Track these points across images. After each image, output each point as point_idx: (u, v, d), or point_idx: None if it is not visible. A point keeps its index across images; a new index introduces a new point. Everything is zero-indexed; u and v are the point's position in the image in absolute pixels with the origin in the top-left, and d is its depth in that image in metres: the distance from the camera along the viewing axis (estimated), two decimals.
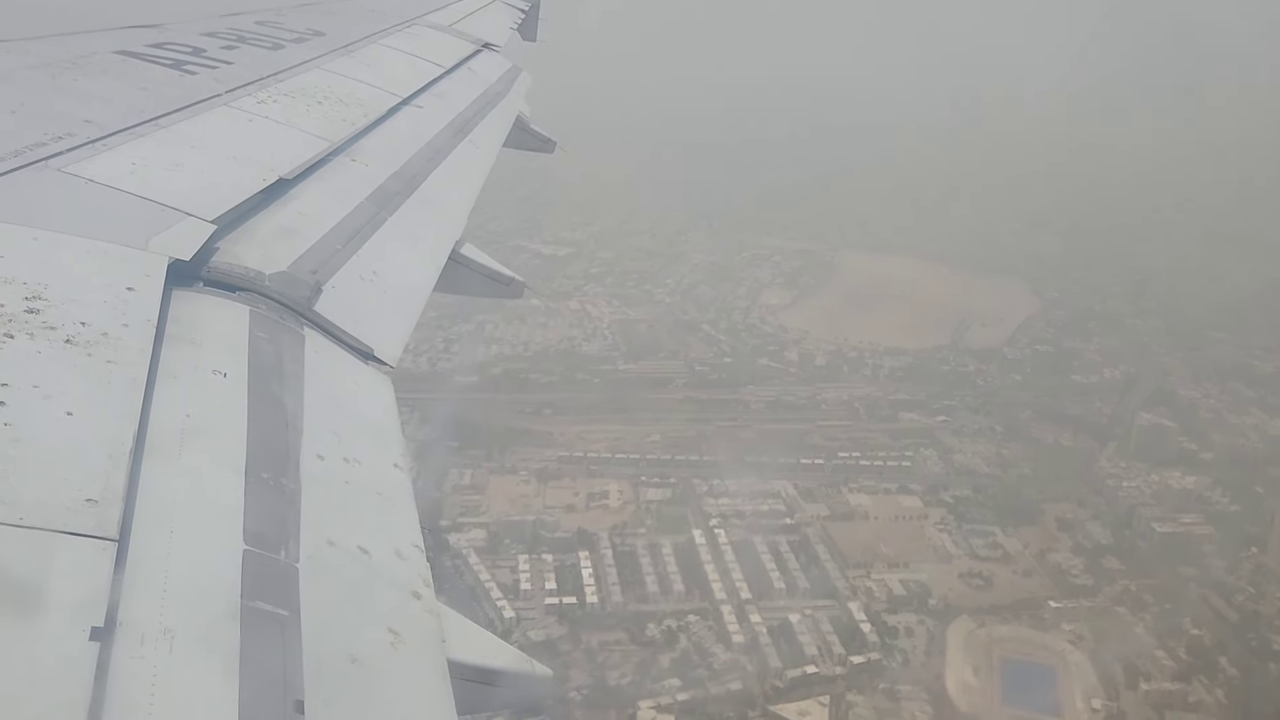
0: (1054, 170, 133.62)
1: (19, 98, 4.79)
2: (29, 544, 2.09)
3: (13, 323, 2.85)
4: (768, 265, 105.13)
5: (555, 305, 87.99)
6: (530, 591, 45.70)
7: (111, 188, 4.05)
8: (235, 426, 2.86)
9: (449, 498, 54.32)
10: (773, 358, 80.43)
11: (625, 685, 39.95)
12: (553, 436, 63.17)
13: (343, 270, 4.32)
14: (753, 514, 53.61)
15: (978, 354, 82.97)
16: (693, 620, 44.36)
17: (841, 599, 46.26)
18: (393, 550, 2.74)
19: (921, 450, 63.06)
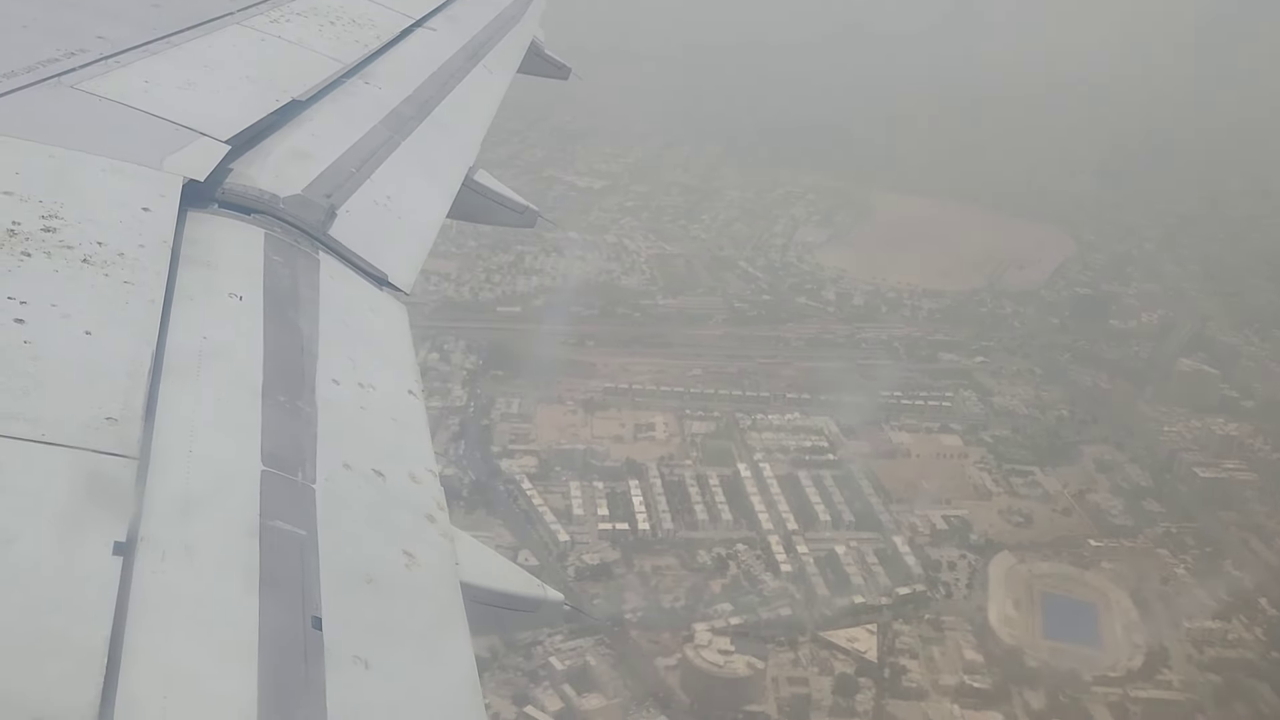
0: (1087, 112, 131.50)
1: (30, 13, 4.70)
2: (51, 461, 2.11)
3: (30, 241, 2.85)
4: (802, 203, 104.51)
5: (592, 238, 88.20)
6: (583, 517, 46.84)
7: (125, 105, 3.99)
8: (252, 349, 2.87)
9: (498, 425, 55.34)
10: (810, 296, 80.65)
11: (679, 608, 41.24)
12: (596, 368, 63.90)
13: (357, 194, 4.29)
14: (796, 449, 54.44)
15: (1015, 296, 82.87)
16: (741, 549, 45.49)
17: (885, 532, 47.26)
18: (407, 474, 2.75)
19: (961, 391, 63.55)
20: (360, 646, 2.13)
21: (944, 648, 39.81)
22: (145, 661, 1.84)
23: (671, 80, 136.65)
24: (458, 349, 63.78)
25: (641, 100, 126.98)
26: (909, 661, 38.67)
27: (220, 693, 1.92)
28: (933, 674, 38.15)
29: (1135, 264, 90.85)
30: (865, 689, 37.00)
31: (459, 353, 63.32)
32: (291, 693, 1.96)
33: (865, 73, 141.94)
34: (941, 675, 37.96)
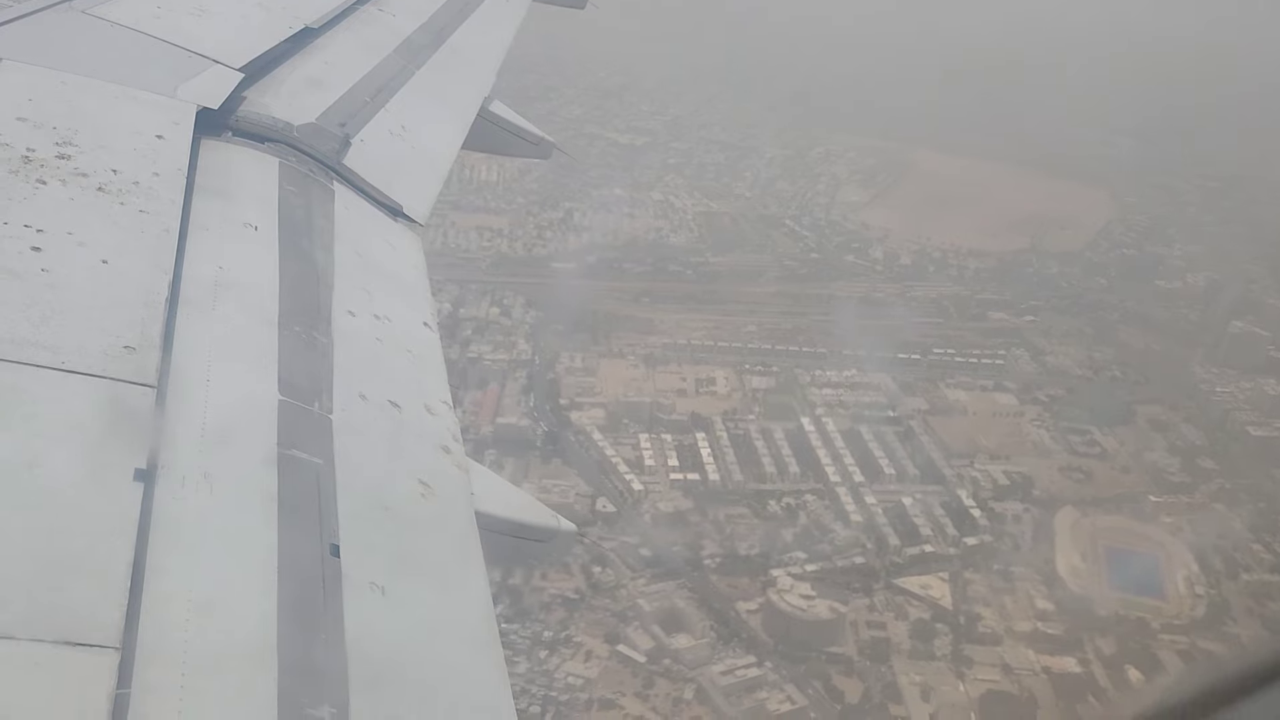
0: (1123, 74, 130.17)
1: None
2: (71, 388, 2.11)
3: (45, 168, 2.84)
4: (842, 162, 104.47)
5: (639, 196, 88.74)
6: (654, 467, 48.05)
7: (137, 31, 3.92)
8: (268, 280, 2.88)
9: (563, 378, 56.45)
10: (858, 255, 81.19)
11: (754, 555, 42.54)
12: (653, 323, 64.80)
13: (371, 124, 4.25)
14: (855, 404, 55.40)
15: (1060, 257, 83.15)
16: (810, 499, 46.69)
17: (949, 485, 48.34)
18: (423, 405, 2.80)
19: (1013, 350, 64.25)
20: (377, 574, 2.14)
21: (1015, 596, 41.02)
22: (167, 585, 1.86)
23: (703, 40, 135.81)
24: (517, 304, 64.79)
25: (674, 59, 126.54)
26: (982, 609, 39.93)
27: (241, 616, 1.94)
28: (1006, 621, 39.41)
29: (1177, 226, 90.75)
30: (942, 634, 38.30)
31: (519, 308, 64.34)
32: (310, 618, 1.99)
33: (899, 35, 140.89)
34: (1015, 622, 39.22)
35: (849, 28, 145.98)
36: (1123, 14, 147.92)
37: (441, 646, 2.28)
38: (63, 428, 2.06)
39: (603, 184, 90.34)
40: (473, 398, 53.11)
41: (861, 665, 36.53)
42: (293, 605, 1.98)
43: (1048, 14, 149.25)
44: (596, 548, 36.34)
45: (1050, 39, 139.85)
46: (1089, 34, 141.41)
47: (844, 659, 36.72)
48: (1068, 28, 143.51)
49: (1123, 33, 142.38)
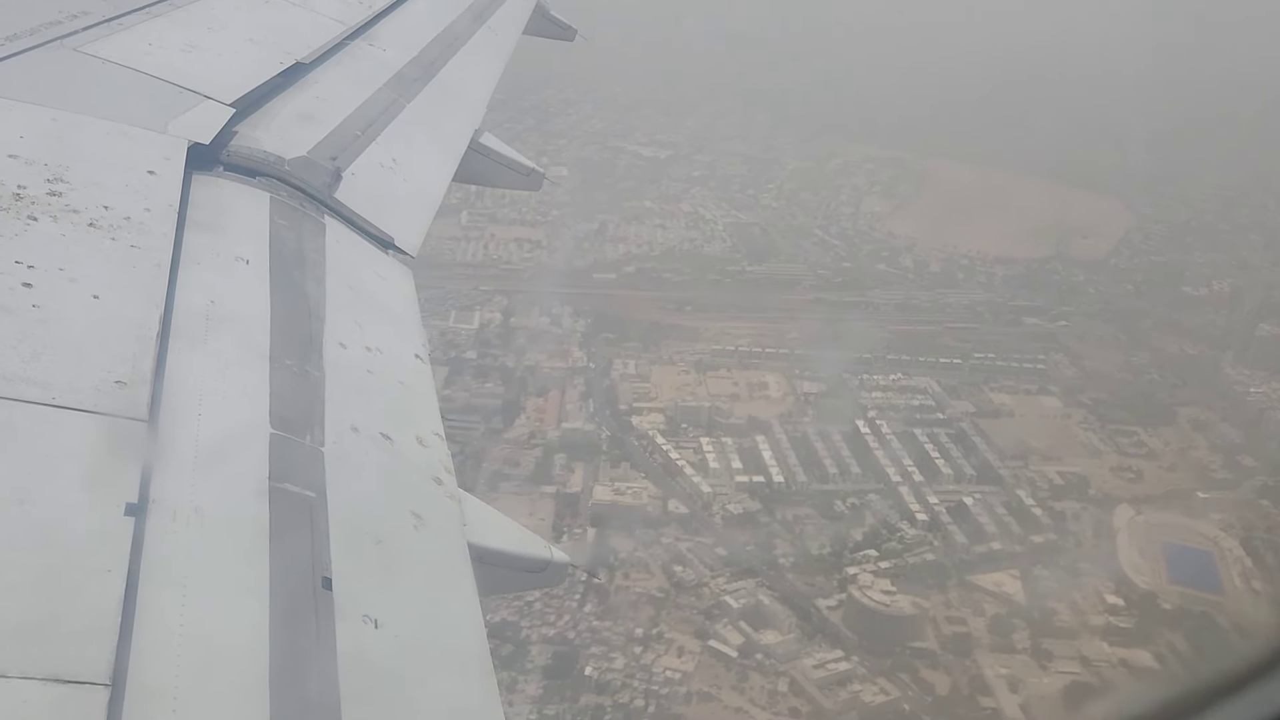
0: (1133, 82, 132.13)
1: None
2: (63, 423, 2.11)
3: (36, 205, 2.83)
4: (861, 173, 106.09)
5: (668, 208, 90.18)
6: (718, 470, 49.08)
7: (128, 68, 3.96)
8: (259, 313, 2.88)
9: (619, 385, 57.50)
10: (889, 263, 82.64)
11: (826, 554, 43.60)
12: (698, 331, 65.95)
13: (362, 157, 4.28)
14: (905, 408, 56.58)
15: (1085, 265, 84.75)
16: (873, 499, 47.79)
17: (1007, 486, 49.50)
18: (414, 437, 2.78)
19: (1052, 355, 65.58)
20: (370, 605, 2.14)
21: (1083, 592, 42.13)
22: (158, 620, 1.84)
23: (716, 56, 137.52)
24: (565, 313, 65.86)
25: (685, 74, 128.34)
26: (1055, 604, 41.02)
27: (232, 650, 1.93)
28: (1078, 615, 40.52)
29: (1195, 235, 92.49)
30: (1019, 628, 39.37)
31: (567, 317, 65.41)
32: (302, 650, 1.98)
33: (905, 48, 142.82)
34: (1088, 616, 40.34)
35: (855, 41, 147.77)
36: (1125, 25, 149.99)
37: (435, 678, 2.29)
38: (54, 463, 2.06)
39: (632, 197, 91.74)
40: (535, 404, 54.18)
41: (945, 659, 37.58)
42: (284, 638, 1.97)
43: (1052, 26, 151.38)
44: (591, 576, 36.96)
45: (1054, 50, 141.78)
46: (1093, 44, 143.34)
47: (928, 653, 37.77)
48: (1072, 39, 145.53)
49: (1126, 43, 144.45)
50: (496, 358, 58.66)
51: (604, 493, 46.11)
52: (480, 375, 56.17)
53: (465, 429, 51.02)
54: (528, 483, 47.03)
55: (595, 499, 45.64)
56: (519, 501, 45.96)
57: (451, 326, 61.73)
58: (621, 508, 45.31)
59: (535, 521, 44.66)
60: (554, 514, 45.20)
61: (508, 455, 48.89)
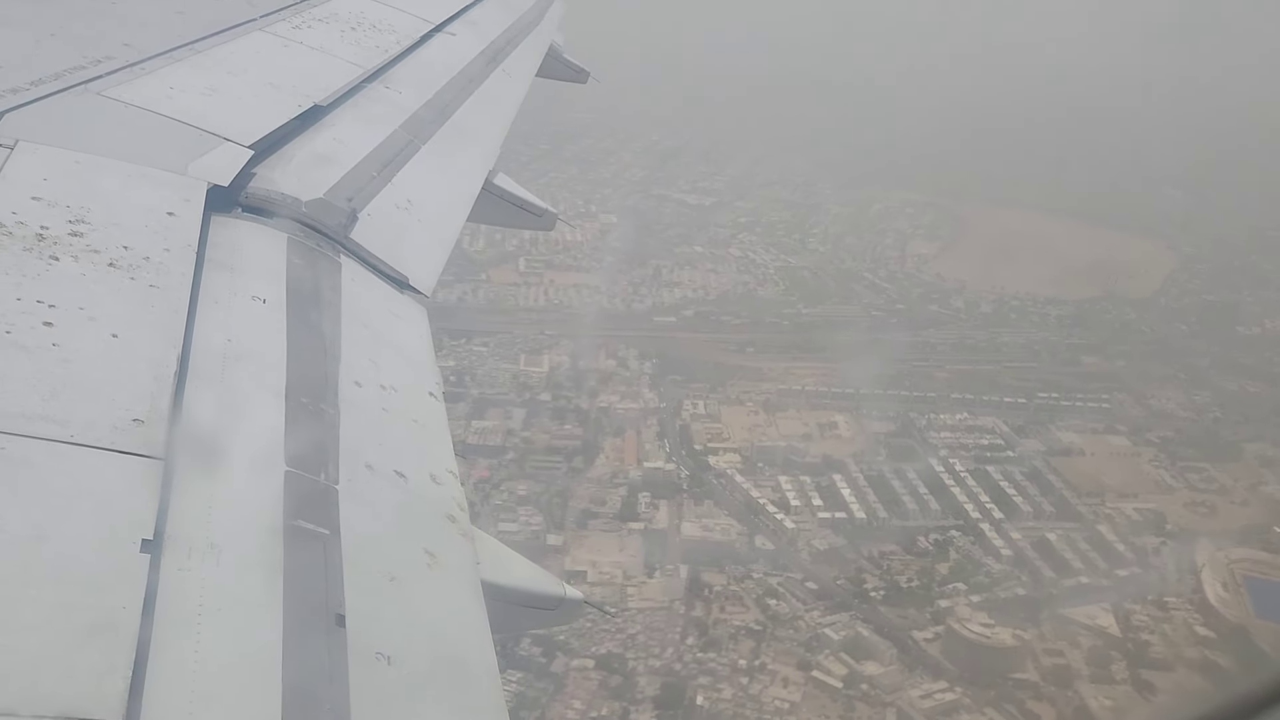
0: (1165, 122, 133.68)
1: (59, 20, 4.83)
2: (80, 461, 2.14)
3: (58, 245, 2.86)
4: (902, 217, 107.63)
5: (719, 252, 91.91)
6: (800, 507, 49.83)
7: (150, 111, 4.05)
8: (275, 352, 2.91)
9: (691, 425, 58.51)
10: (940, 304, 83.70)
11: (915, 588, 44.16)
12: (762, 372, 67.02)
13: (378, 198, 4.34)
14: (975, 446, 57.27)
15: (1135, 304, 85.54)
16: (955, 535, 48.39)
17: (1087, 522, 49.99)
18: (428, 475, 2.81)
19: (1114, 394, 66.19)
20: (383, 643, 2.15)
21: (1174, 625, 42.45)
22: (172, 657, 1.86)
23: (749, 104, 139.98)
24: (630, 356, 67.13)
25: (722, 122, 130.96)
26: (1149, 636, 41.37)
27: (246, 688, 1.95)
28: (1173, 648, 40.84)
29: (1240, 274, 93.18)
30: (1116, 660, 39.73)
31: (633, 359, 66.66)
32: (316, 689, 1.99)
33: (932, 92, 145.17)
34: (1182, 649, 40.64)
35: (882, 87, 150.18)
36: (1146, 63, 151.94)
37: (448, 716, 2.30)
38: (71, 500, 2.08)
39: (681, 242, 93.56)
40: (612, 444, 55.23)
41: (1048, 690, 37.97)
42: (298, 676, 1.98)
43: (1072, 66, 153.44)
44: (604, 613, 37.12)
45: (1077, 90, 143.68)
46: (1116, 83, 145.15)
47: (1029, 684, 38.15)
48: (1093, 78, 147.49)
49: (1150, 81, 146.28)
50: (570, 399, 59.83)
51: (692, 529, 46.96)
52: (557, 417, 57.33)
53: (549, 469, 52.20)
54: (615, 520, 47.93)
55: (684, 535, 46.45)
56: (608, 539, 46.92)
57: (522, 370, 63.13)
58: (710, 544, 46.12)
59: (626, 558, 45.63)
60: (643, 550, 46.01)
61: (593, 494, 49.83)
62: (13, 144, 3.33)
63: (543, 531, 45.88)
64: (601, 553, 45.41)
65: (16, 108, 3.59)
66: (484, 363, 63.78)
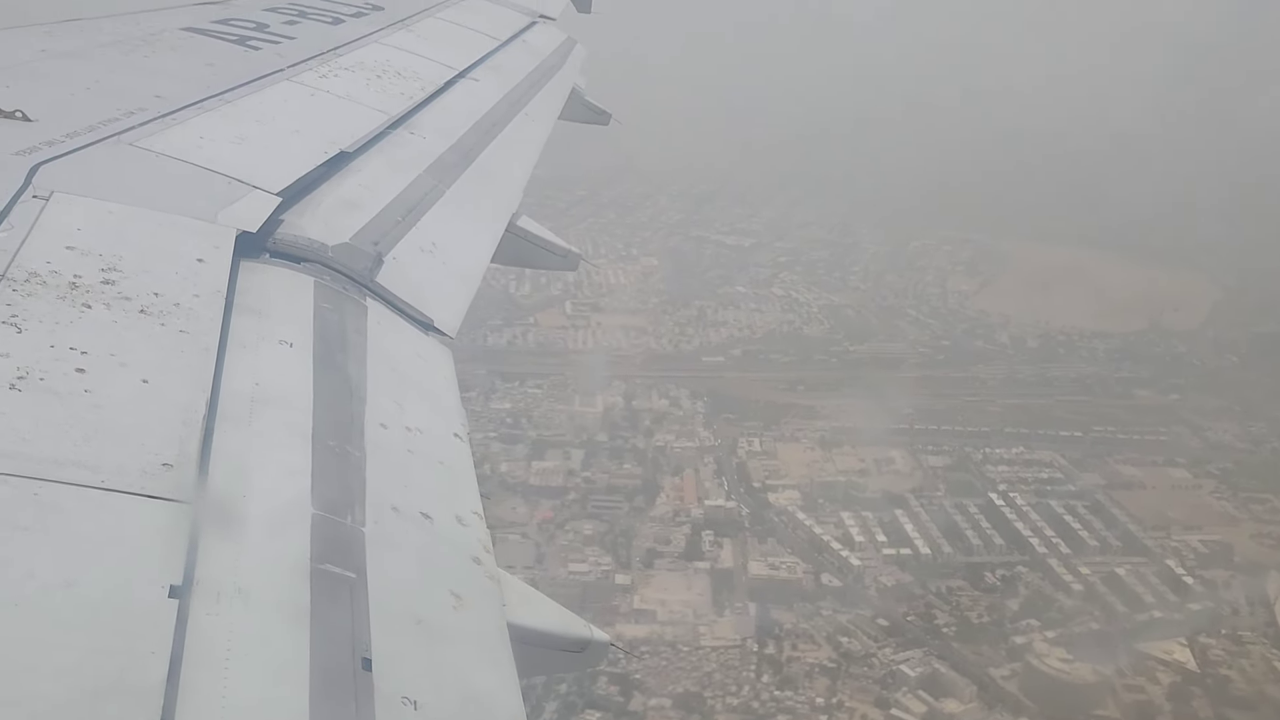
0: (1198, 153, 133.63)
1: (93, 74, 4.96)
2: (111, 506, 2.18)
3: (90, 293, 2.93)
4: (940, 254, 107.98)
5: (762, 292, 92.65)
6: (864, 544, 49.88)
7: (181, 161, 4.13)
8: (302, 395, 2.94)
9: (748, 463, 58.79)
10: (986, 340, 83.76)
11: (987, 624, 43.99)
12: (814, 409, 67.26)
13: (403, 242, 4.38)
14: (1034, 480, 57.13)
15: (1182, 337, 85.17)
16: (1023, 570, 48.19)
17: (1155, 556, 49.64)
18: (454, 516, 2.81)
19: (1171, 426, 65.82)
20: (409, 687, 2.16)
21: (1251, 659, 41.97)
22: (201, 703, 1.89)
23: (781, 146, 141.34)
24: (683, 395, 67.63)
25: (754, 165, 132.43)
26: (1227, 671, 40.92)
27: None
28: (1253, 684, 40.35)
29: None
30: (1198, 696, 39.31)
31: (685, 399, 67.16)
32: None
33: (960, 132, 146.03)
34: (1263, 685, 40.16)
35: (912, 125, 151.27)
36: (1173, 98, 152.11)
37: None
38: (100, 546, 2.11)
39: (723, 283, 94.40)
40: (671, 483, 55.60)
41: None
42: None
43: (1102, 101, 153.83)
44: (629, 654, 36.92)
45: (1109, 125, 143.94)
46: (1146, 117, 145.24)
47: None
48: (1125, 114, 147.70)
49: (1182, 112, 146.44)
50: (626, 439, 60.35)
51: (758, 568, 47.12)
52: (615, 457, 57.83)
53: (611, 508, 52.63)
54: (680, 559, 48.19)
55: (751, 574, 46.60)
56: (674, 578, 47.15)
57: (577, 411, 63.77)
58: (777, 582, 46.23)
59: (694, 596, 45.80)
60: (711, 589, 46.18)
61: (656, 533, 50.15)
62: (48, 195, 3.44)
63: (612, 571, 46.22)
64: (670, 591, 45.64)
65: (52, 159, 3.72)
66: (539, 405, 64.46)
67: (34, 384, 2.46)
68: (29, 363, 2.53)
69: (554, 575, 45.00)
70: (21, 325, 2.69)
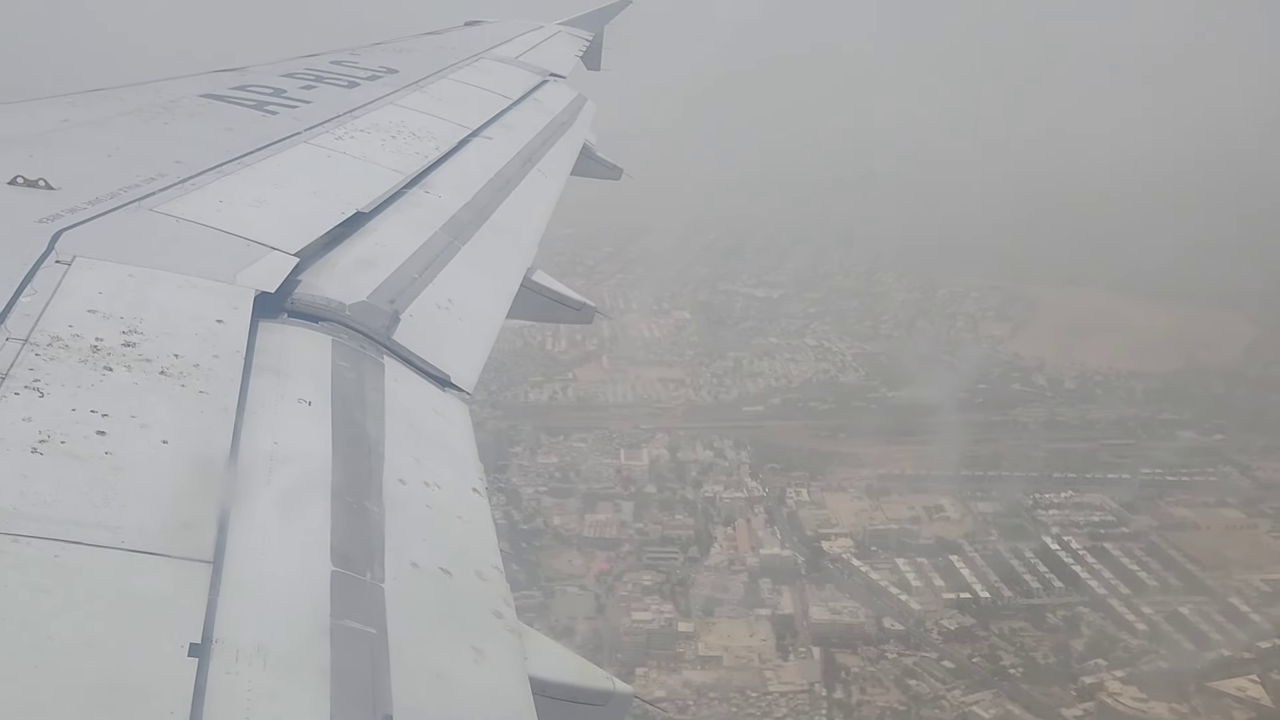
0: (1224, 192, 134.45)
1: (114, 142, 5.08)
2: (131, 566, 2.20)
3: (111, 356, 2.99)
4: (968, 301, 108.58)
5: (795, 342, 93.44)
6: (921, 589, 49.86)
7: (200, 224, 4.19)
8: (321, 453, 2.98)
9: (798, 512, 59.00)
10: (1023, 383, 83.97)
11: (1053, 664, 43.76)
12: (858, 457, 67.47)
13: (419, 299, 4.44)
14: (1087, 523, 57.02)
15: (1220, 376, 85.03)
16: (1084, 611, 47.97)
17: (1216, 595, 49.34)
18: (474, 571, 2.82)
19: (1219, 467, 65.58)
20: None
21: None
22: None
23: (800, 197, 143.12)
24: (726, 446, 68.05)
25: (774, 217, 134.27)
26: None
27: None
28: None
29: None
30: None
31: (729, 449, 67.58)
32: None
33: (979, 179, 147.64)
34: None
35: (929, 174, 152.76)
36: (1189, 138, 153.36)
37: None
38: (120, 606, 2.12)
39: (756, 334, 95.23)
40: (724, 533, 55.86)
41: None
42: None
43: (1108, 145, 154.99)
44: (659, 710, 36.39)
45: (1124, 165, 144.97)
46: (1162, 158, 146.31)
47: None
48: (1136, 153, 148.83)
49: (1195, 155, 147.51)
50: (674, 490, 60.75)
51: (819, 613, 47.16)
52: (665, 508, 58.22)
53: (666, 559, 52.90)
54: (741, 607, 48.29)
55: (813, 619, 46.63)
56: (737, 625, 47.23)
57: (624, 464, 64.29)
58: (840, 626, 46.24)
59: (757, 642, 45.83)
60: (774, 635, 46.21)
61: (714, 582, 50.32)
62: (70, 260, 3.49)
63: (674, 619, 46.37)
64: (733, 638, 45.70)
65: (74, 225, 3.77)
66: (586, 458, 65.03)
67: (55, 447, 2.51)
68: (50, 426, 2.57)
69: (617, 625, 45.21)
70: (44, 389, 2.73)
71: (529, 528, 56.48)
